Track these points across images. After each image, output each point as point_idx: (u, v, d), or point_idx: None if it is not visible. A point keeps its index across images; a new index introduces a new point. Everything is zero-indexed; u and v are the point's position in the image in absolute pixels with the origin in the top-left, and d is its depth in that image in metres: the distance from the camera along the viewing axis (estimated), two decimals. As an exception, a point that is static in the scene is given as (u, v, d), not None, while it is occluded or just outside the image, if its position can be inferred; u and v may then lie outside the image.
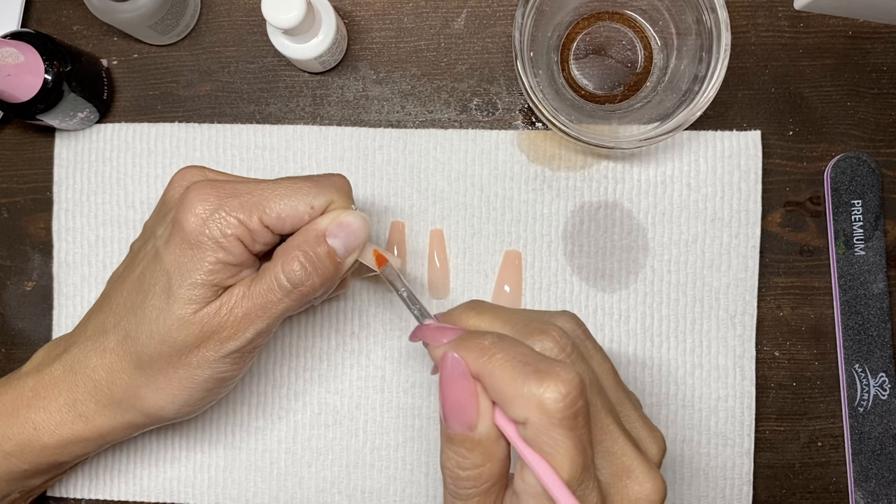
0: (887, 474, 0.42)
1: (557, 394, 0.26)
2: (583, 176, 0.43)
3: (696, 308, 0.43)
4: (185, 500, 0.44)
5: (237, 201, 0.33)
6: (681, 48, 0.41)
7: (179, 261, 0.33)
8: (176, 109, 0.45)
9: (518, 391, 0.26)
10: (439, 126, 0.44)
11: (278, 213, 0.33)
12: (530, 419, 0.26)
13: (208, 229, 0.32)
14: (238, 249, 0.33)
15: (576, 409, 0.26)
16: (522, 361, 0.27)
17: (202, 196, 0.33)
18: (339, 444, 0.43)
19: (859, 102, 0.43)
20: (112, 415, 0.36)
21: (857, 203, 0.43)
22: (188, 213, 0.33)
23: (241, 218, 0.33)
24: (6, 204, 0.46)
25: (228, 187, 0.33)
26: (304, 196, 0.33)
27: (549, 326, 0.29)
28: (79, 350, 0.36)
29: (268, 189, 0.34)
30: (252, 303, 0.33)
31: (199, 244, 0.33)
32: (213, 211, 0.33)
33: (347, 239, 0.34)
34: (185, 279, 0.33)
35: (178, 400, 0.35)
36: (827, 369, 0.43)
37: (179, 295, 0.33)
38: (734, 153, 0.43)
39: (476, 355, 0.28)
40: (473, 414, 0.27)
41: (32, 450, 0.36)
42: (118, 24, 0.41)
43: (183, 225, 0.33)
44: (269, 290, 0.33)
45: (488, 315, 0.31)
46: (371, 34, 0.45)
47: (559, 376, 0.26)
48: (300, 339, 0.44)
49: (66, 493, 0.44)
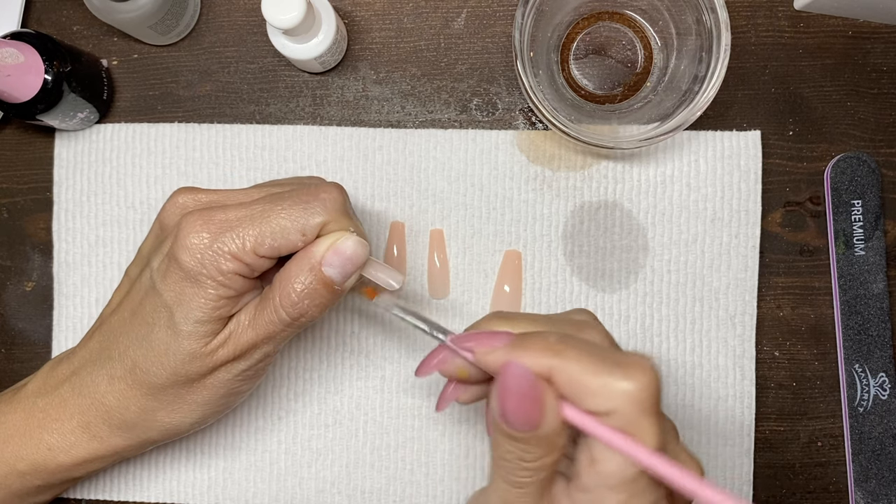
0: (887, 474, 0.42)
1: (644, 384, 0.26)
2: (583, 176, 0.43)
3: (695, 308, 0.43)
4: (185, 500, 0.44)
5: (230, 236, 0.32)
6: (681, 48, 0.41)
7: (180, 298, 0.33)
8: (176, 109, 0.45)
9: (603, 384, 0.26)
10: (439, 126, 0.44)
11: (271, 245, 0.33)
12: (618, 410, 0.26)
13: (206, 269, 0.32)
14: (238, 283, 0.33)
15: (659, 397, 0.27)
16: (598, 355, 0.27)
17: (195, 231, 0.32)
18: (339, 445, 0.43)
19: (859, 102, 0.43)
20: (127, 436, 0.36)
21: (857, 203, 0.43)
22: (183, 251, 0.32)
23: (236, 254, 0.32)
24: (6, 204, 0.46)
25: (220, 219, 0.33)
26: (295, 222, 0.33)
27: (586, 326, 0.30)
28: (87, 374, 0.36)
29: (258, 218, 0.33)
30: (256, 333, 0.33)
31: (199, 282, 0.32)
32: (207, 248, 0.32)
33: (344, 266, 0.33)
34: (188, 316, 0.33)
35: (194, 416, 0.35)
36: (827, 369, 0.43)
37: (186, 331, 0.33)
38: (734, 153, 0.43)
39: (544, 354, 0.28)
40: (541, 414, 0.27)
41: (47, 469, 0.36)
42: (118, 25, 0.41)
43: (180, 262, 0.32)
44: (270, 322, 0.33)
45: (519, 321, 0.31)
46: (371, 34, 0.45)
47: (641, 366, 0.26)
48: (300, 339, 0.44)
49: (66, 493, 0.44)
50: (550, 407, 0.27)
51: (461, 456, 0.43)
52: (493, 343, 0.29)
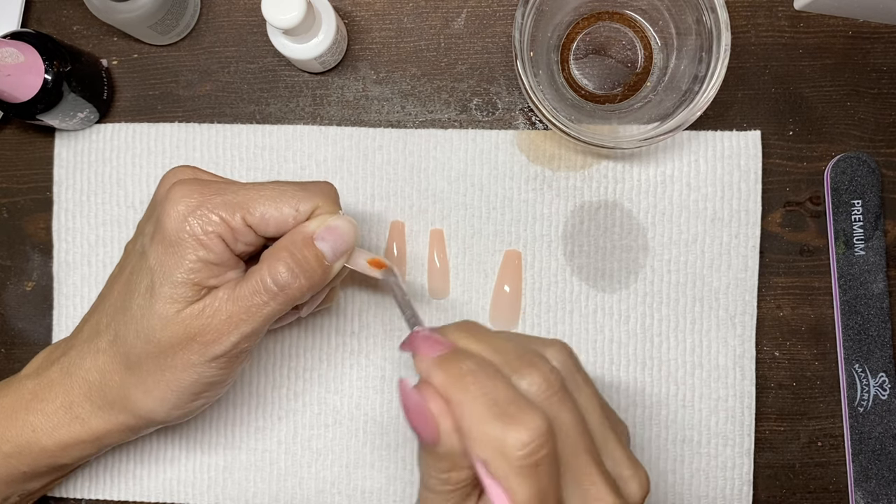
0: (887, 474, 0.42)
1: (519, 441, 0.26)
2: (583, 176, 0.43)
3: (695, 308, 0.43)
4: (185, 500, 0.44)
5: (220, 199, 0.33)
6: (681, 48, 0.41)
7: (161, 259, 0.33)
8: (176, 109, 0.45)
9: (482, 431, 0.26)
10: (439, 126, 0.44)
11: (262, 214, 0.33)
12: (490, 461, 0.26)
13: (189, 226, 0.32)
14: (219, 248, 0.33)
15: (537, 458, 0.26)
16: (493, 400, 0.27)
17: (185, 193, 0.33)
18: (339, 445, 0.43)
19: (859, 102, 0.43)
20: (107, 417, 0.36)
21: (857, 203, 0.43)
22: (170, 210, 0.32)
23: (222, 215, 0.32)
24: (6, 204, 0.46)
25: (213, 186, 0.33)
26: (289, 199, 0.33)
27: (538, 360, 0.29)
28: (76, 353, 0.36)
29: (253, 190, 0.33)
30: (236, 305, 0.33)
31: (180, 241, 0.32)
32: (194, 208, 0.32)
33: (336, 242, 0.33)
34: (167, 277, 0.33)
35: (167, 403, 0.35)
36: (827, 369, 0.43)
37: (162, 293, 0.33)
38: (734, 153, 0.43)
39: (451, 381, 0.27)
40: (436, 433, 0.27)
41: (31, 452, 0.36)
42: (118, 24, 0.41)
43: (164, 222, 0.33)
44: (254, 292, 0.33)
45: (480, 340, 0.30)
46: (371, 34, 0.45)
47: (524, 423, 0.26)
48: (300, 339, 0.44)
49: (66, 493, 0.44)
50: (446, 431, 0.27)
51: (461, 456, 0.43)
52: (429, 352, 0.29)
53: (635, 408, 0.43)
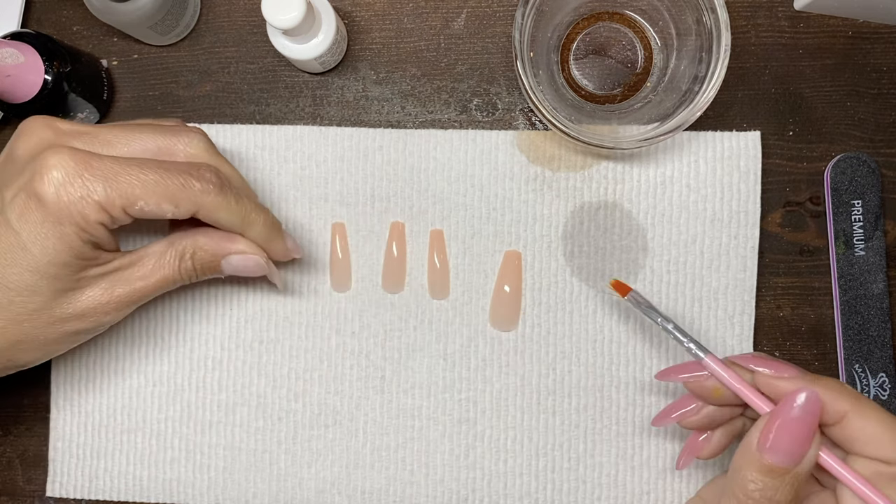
0: (887, 474, 0.42)
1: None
2: (583, 176, 0.43)
3: (694, 308, 0.43)
4: (185, 500, 0.44)
5: (102, 186, 0.32)
6: (681, 48, 0.41)
7: (42, 241, 0.32)
8: (176, 110, 0.45)
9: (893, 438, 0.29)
10: (439, 126, 0.44)
11: (141, 208, 0.33)
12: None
13: (71, 213, 0.32)
14: (100, 233, 0.33)
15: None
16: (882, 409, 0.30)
17: (65, 170, 0.32)
18: (339, 445, 0.43)
19: (859, 102, 0.43)
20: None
21: (857, 203, 0.43)
22: (48, 187, 0.32)
23: (104, 206, 0.32)
24: (6, 204, 0.46)
25: (95, 166, 0.32)
26: (171, 196, 0.34)
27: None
28: None
29: (134, 178, 0.33)
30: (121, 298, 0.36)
31: (61, 223, 0.32)
32: (78, 193, 0.32)
33: (236, 271, 0.38)
34: (52, 260, 0.33)
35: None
36: (827, 369, 0.43)
37: (51, 288, 0.33)
38: (734, 154, 0.43)
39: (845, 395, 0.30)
40: (808, 448, 0.29)
41: None
42: (118, 25, 0.41)
43: (44, 200, 0.32)
44: (167, 264, 0.36)
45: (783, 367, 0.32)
46: (371, 34, 0.45)
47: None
48: (300, 339, 0.44)
49: (66, 494, 0.44)
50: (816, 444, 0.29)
51: (461, 456, 0.43)
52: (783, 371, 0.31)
53: (635, 408, 0.43)
